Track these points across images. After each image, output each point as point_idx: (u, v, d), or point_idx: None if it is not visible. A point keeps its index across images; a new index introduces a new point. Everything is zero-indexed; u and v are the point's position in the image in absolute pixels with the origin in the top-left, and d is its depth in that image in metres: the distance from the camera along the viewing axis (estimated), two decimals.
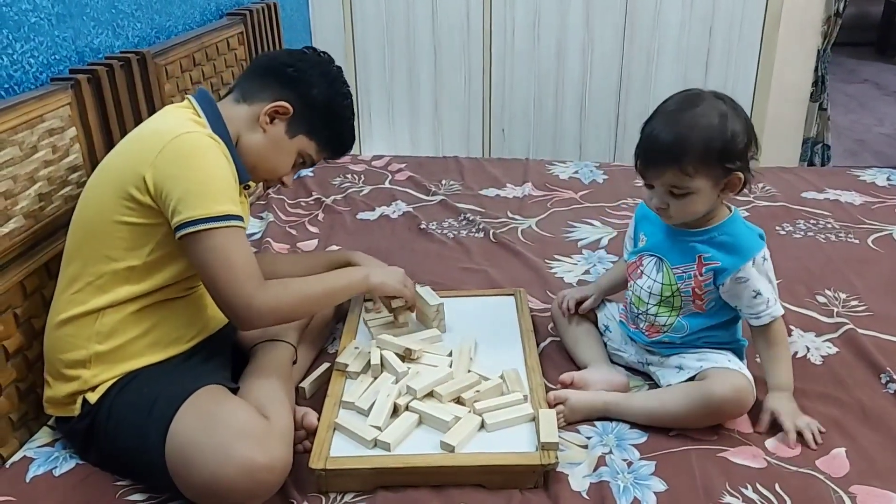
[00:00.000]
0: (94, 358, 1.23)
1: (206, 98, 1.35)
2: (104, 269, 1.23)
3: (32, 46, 1.44)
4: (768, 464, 1.23)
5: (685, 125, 1.23)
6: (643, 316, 1.40)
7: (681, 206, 1.27)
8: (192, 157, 1.20)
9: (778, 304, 1.32)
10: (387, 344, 1.43)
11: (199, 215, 1.17)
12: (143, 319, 1.26)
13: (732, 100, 1.29)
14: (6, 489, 1.19)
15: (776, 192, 2.32)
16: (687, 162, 1.22)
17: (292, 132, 1.38)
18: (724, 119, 1.23)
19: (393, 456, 1.20)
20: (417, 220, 2.19)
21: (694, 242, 1.33)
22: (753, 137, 1.27)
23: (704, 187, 1.25)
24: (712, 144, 1.22)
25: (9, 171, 1.28)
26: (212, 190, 1.19)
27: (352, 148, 1.50)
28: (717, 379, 1.28)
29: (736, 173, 1.25)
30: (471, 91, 3.20)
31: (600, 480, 1.19)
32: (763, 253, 1.30)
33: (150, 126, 1.29)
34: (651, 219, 1.40)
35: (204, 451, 1.10)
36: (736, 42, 3.04)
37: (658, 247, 1.38)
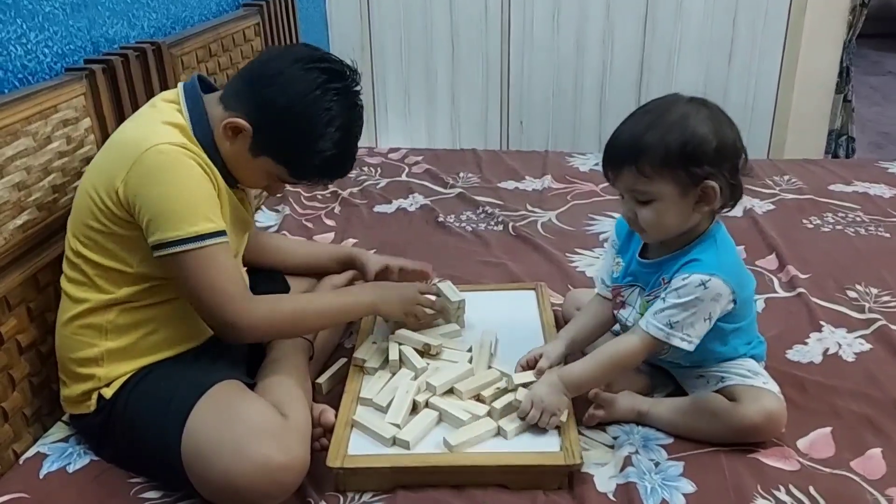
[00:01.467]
0: (107, 355, 1.21)
1: (194, 92, 1.25)
2: (101, 273, 1.20)
3: (47, 36, 1.41)
4: (801, 465, 1.19)
5: (645, 124, 1.16)
6: None
7: (648, 215, 1.17)
8: (160, 174, 1.13)
9: (671, 336, 1.17)
10: (405, 339, 1.39)
11: (170, 237, 1.12)
12: (152, 315, 1.24)
13: (716, 107, 1.19)
14: (20, 485, 1.18)
15: (802, 185, 2.27)
16: (643, 161, 1.14)
17: (255, 152, 1.23)
18: (685, 118, 1.14)
19: (412, 455, 1.17)
20: (435, 213, 2.16)
21: (663, 264, 1.23)
22: (739, 148, 1.17)
23: (668, 193, 1.15)
24: (670, 143, 1.13)
25: (22, 162, 1.25)
26: (182, 209, 1.13)
27: (345, 173, 1.31)
28: (748, 401, 1.20)
29: (707, 182, 1.14)
30: (489, 82, 3.15)
31: (627, 481, 1.15)
32: (710, 280, 1.15)
33: (128, 132, 1.22)
34: (628, 243, 1.33)
35: (220, 449, 1.07)
36: (760, 32, 2.98)
37: (634, 275, 1.30)
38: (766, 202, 2.17)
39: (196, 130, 1.21)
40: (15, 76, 1.34)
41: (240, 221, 1.33)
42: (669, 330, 1.18)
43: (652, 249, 1.28)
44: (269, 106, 1.20)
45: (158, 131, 1.17)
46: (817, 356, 1.46)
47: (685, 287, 1.17)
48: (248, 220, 1.39)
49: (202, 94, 1.25)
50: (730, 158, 1.16)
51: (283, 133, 1.21)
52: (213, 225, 1.15)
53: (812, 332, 1.53)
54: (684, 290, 1.17)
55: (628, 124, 1.20)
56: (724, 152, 1.15)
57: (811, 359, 1.45)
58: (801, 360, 1.45)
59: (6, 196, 1.22)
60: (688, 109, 1.16)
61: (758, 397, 1.21)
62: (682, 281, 1.17)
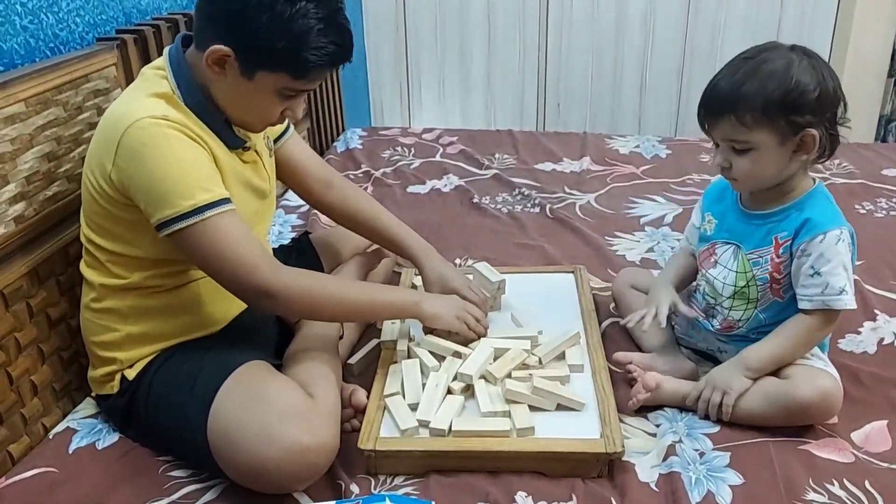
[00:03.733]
0: (127, 339, 1.18)
1: (177, 55, 1.15)
2: (112, 258, 1.16)
3: (78, 5, 1.39)
4: (856, 458, 1.13)
5: (745, 72, 1.14)
6: (718, 308, 1.28)
7: (744, 165, 1.17)
8: (143, 152, 1.05)
9: (845, 298, 1.15)
10: (433, 346, 1.31)
11: (169, 215, 1.06)
12: (170, 302, 1.20)
13: (814, 54, 1.16)
14: (49, 460, 1.16)
15: (854, 169, 2.18)
16: (743, 110, 1.12)
17: (248, 73, 1.10)
18: (788, 67, 1.12)
19: (446, 439, 1.13)
20: (470, 195, 2.12)
21: (770, 223, 1.21)
22: (839, 97, 1.15)
23: (767, 143, 1.14)
24: (772, 92, 1.11)
25: (52, 132, 1.23)
26: (172, 185, 1.05)
27: (347, 52, 1.13)
28: (801, 379, 1.16)
29: (808, 130, 1.13)
30: (525, 63, 3.08)
31: (670, 471, 1.10)
32: (840, 233, 1.16)
33: (113, 108, 1.14)
34: (719, 200, 1.30)
35: (247, 432, 1.04)
36: (809, 12, 2.86)
37: (732, 233, 1.26)
38: None
39: (185, 96, 1.13)
40: (46, 45, 1.32)
41: (251, 187, 1.24)
42: (837, 296, 1.16)
43: (752, 202, 1.25)
44: (232, 15, 1.07)
45: (140, 106, 1.09)
46: (871, 346, 1.39)
47: (827, 250, 1.15)
48: (262, 187, 1.28)
49: (184, 54, 1.16)
50: (830, 107, 1.14)
51: (260, 34, 1.06)
52: (210, 195, 1.08)
53: (866, 321, 1.46)
54: (829, 253, 1.15)
55: (726, 72, 1.17)
56: (825, 101, 1.13)
57: (865, 349, 1.38)
58: (854, 349, 1.38)
59: (36, 166, 1.20)
60: (789, 57, 1.14)
61: (813, 376, 1.16)
62: (820, 245, 1.15)
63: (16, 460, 1.17)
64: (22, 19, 1.26)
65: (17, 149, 1.16)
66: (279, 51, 1.07)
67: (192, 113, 1.13)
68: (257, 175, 1.26)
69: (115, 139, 1.07)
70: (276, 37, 1.06)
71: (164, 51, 1.17)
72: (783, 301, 1.23)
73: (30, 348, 1.20)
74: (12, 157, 1.16)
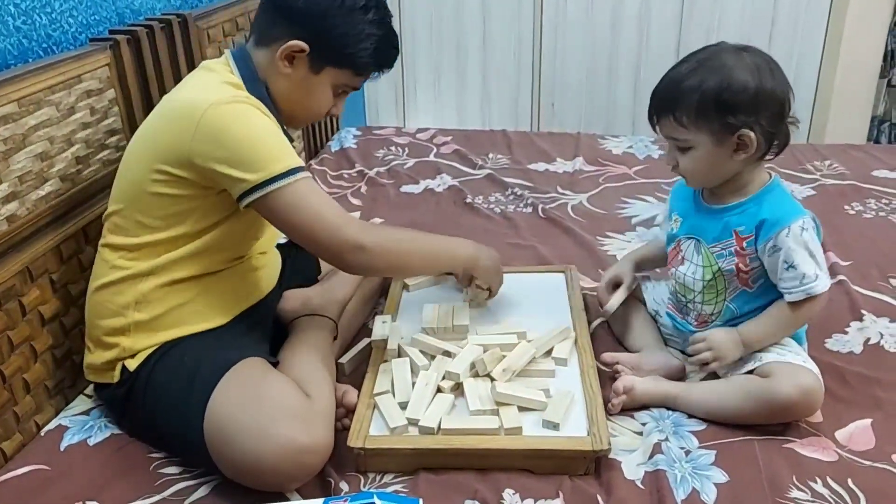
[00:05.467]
0: (134, 326, 1.19)
1: (243, 52, 1.26)
2: (144, 239, 1.18)
3: (72, 6, 1.40)
4: (840, 457, 1.14)
5: (684, 73, 1.16)
6: (691, 305, 1.31)
7: (686, 163, 1.20)
8: (229, 129, 1.11)
9: (821, 282, 1.18)
10: (424, 345, 1.33)
11: (259, 179, 1.10)
12: (184, 289, 1.22)
13: (760, 53, 1.17)
14: (40, 457, 1.17)
15: (844, 170, 2.19)
16: (680, 111, 1.16)
17: (317, 68, 1.23)
18: (725, 69, 1.13)
19: (435, 437, 1.14)
20: (463, 194, 2.13)
21: (727, 216, 1.23)
22: (779, 96, 1.15)
23: (704, 142, 1.17)
24: (706, 94, 1.13)
25: (45, 132, 1.24)
26: (262, 151, 1.12)
27: (396, 57, 1.31)
28: (782, 377, 1.17)
29: (743, 131, 1.14)
30: (520, 62, 3.09)
31: (656, 469, 1.11)
32: (801, 222, 1.18)
33: (183, 94, 1.20)
34: (683, 198, 1.32)
35: (244, 429, 1.05)
36: (802, 12, 2.88)
37: (692, 228, 1.28)
38: (807, 187, 2.10)
39: (250, 87, 1.21)
40: (39, 45, 1.32)
41: None
42: (814, 282, 1.18)
43: (710, 196, 1.27)
44: (309, 14, 1.20)
45: (214, 91, 1.16)
46: (858, 346, 1.40)
47: (794, 242, 1.17)
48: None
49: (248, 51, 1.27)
50: (768, 107, 1.15)
51: (333, 33, 1.21)
52: (296, 160, 1.14)
53: (852, 321, 1.47)
54: (796, 244, 1.17)
55: (672, 71, 1.20)
56: (762, 101, 1.14)
57: (851, 348, 1.39)
58: (840, 349, 1.39)
59: (29, 166, 1.21)
60: (729, 58, 1.15)
61: (794, 373, 1.17)
62: (787, 239, 1.17)
63: (8, 458, 1.18)
64: (15, 20, 1.27)
65: (10, 149, 1.17)
66: (350, 51, 1.22)
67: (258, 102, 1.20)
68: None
69: (193, 122, 1.11)
70: (350, 38, 1.21)
71: (226, 51, 1.26)
72: (752, 291, 1.25)
73: (22, 346, 1.21)
74: (5, 156, 1.16)
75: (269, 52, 1.23)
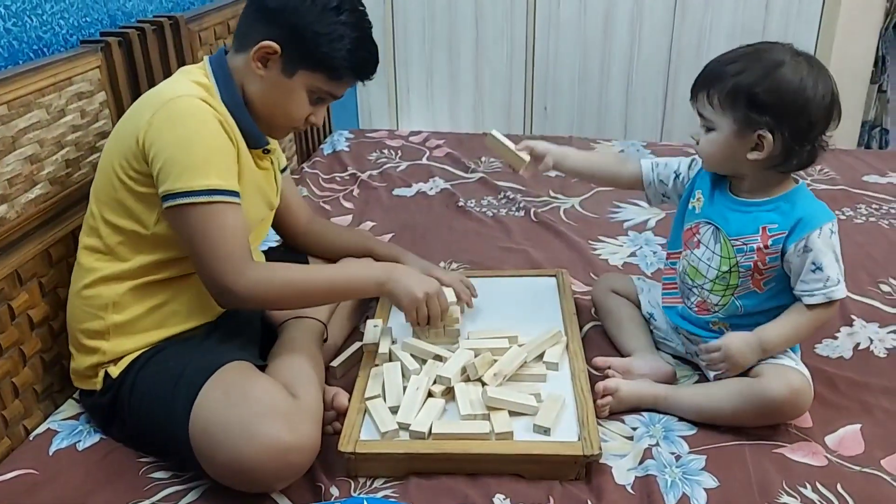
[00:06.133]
0: (113, 329, 1.20)
1: (219, 57, 1.26)
2: (116, 239, 1.19)
3: (63, 7, 1.40)
4: (829, 462, 1.14)
5: (734, 57, 1.17)
6: (696, 290, 1.29)
7: (705, 143, 1.21)
8: (180, 123, 1.12)
9: (841, 286, 1.19)
10: (415, 349, 1.33)
11: (180, 188, 1.11)
12: (160, 290, 1.22)
13: (822, 69, 1.16)
14: (29, 462, 1.16)
15: (835, 175, 2.20)
16: (714, 90, 1.17)
17: (289, 70, 1.22)
18: (773, 66, 1.13)
19: (426, 441, 1.14)
20: (455, 198, 2.13)
21: (758, 212, 1.22)
22: (816, 115, 1.14)
23: (725, 129, 1.17)
24: (743, 83, 1.13)
25: (35, 135, 1.24)
26: (196, 161, 1.12)
27: (374, 67, 1.28)
28: (772, 377, 1.17)
29: (761, 131, 1.14)
30: (513, 66, 3.10)
31: (646, 474, 1.12)
32: (832, 225, 1.19)
33: (155, 88, 1.23)
34: (715, 182, 1.30)
35: (229, 430, 1.05)
36: (794, 17, 2.89)
37: (715, 215, 1.27)
38: None
39: (223, 92, 1.22)
40: (30, 47, 1.32)
41: (260, 192, 1.32)
42: (836, 286, 1.18)
43: (738, 189, 1.26)
44: (282, 16, 1.20)
45: (182, 87, 1.18)
46: (847, 351, 1.41)
47: (825, 244, 1.18)
48: (271, 197, 1.38)
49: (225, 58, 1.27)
50: (796, 120, 1.14)
51: (305, 36, 1.20)
52: (224, 182, 1.14)
53: (843, 325, 1.48)
54: (826, 246, 1.18)
55: (726, 54, 1.20)
56: (793, 111, 1.13)
57: (841, 353, 1.40)
58: (830, 354, 1.40)
59: (18, 169, 1.20)
60: (785, 59, 1.15)
61: (783, 374, 1.18)
62: (818, 240, 1.17)
63: None
64: (5, 22, 1.26)
65: (0, 151, 1.17)
66: (322, 51, 1.21)
67: (225, 108, 1.21)
68: (268, 185, 1.35)
69: (154, 109, 1.13)
70: (322, 38, 1.20)
71: (205, 57, 1.27)
72: (762, 293, 1.24)
73: (11, 350, 1.21)
74: None
75: (245, 55, 1.23)
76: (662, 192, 1.40)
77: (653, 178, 1.40)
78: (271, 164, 1.37)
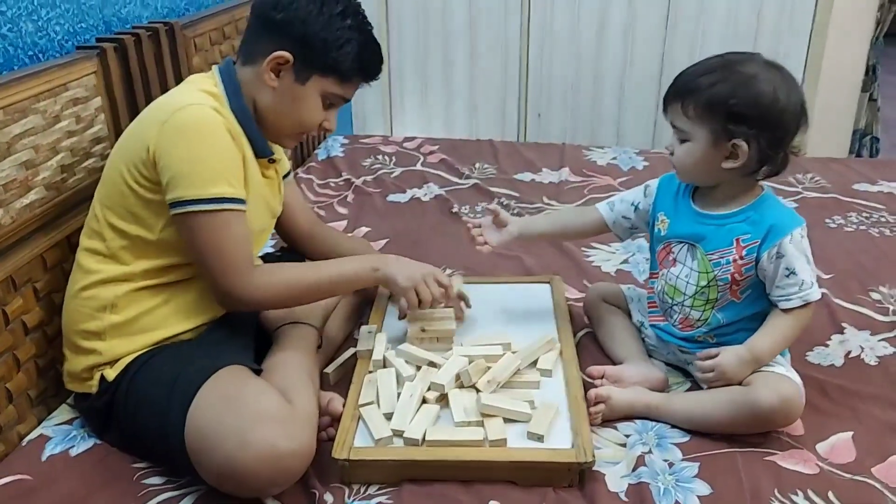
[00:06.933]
0: (110, 329, 1.20)
1: (228, 67, 1.29)
2: (119, 243, 1.20)
3: (59, 13, 1.39)
4: (821, 469, 1.15)
5: (707, 67, 1.19)
6: (677, 307, 1.31)
7: (680, 153, 1.22)
8: (190, 132, 1.15)
9: (815, 289, 1.21)
10: (409, 356, 1.33)
11: (189, 196, 1.14)
12: (159, 292, 1.23)
13: (791, 79, 1.19)
14: (22, 467, 1.16)
15: (826, 184, 2.22)
16: (688, 101, 1.18)
17: (303, 78, 1.26)
18: (747, 77, 1.15)
19: (420, 448, 1.14)
20: (449, 204, 2.13)
21: (730, 224, 1.24)
22: (789, 123, 1.17)
23: (700, 139, 1.18)
24: (719, 94, 1.15)
25: (30, 141, 1.24)
26: (206, 169, 1.15)
27: (380, 66, 1.33)
28: (762, 386, 1.18)
29: (737, 141, 1.16)
30: (507, 73, 3.11)
31: (639, 481, 1.12)
32: (801, 230, 1.21)
33: (165, 97, 1.25)
34: (671, 197, 1.32)
35: (223, 434, 1.05)
36: (786, 26, 2.91)
37: (688, 232, 1.29)
38: (789, 200, 2.12)
39: (231, 101, 1.25)
40: (25, 53, 1.32)
41: (264, 201, 1.34)
42: (810, 289, 1.20)
43: (703, 203, 1.28)
44: (290, 24, 1.23)
45: (191, 96, 1.20)
46: (839, 359, 1.42)
47: (796, 248, 1.19)
48: (274, 206, 1.40)
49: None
50: (772, 128, 1.16)
51: (315, 43, 1.23)
52: (233, 190, 1.16)
53: (834, 333, 1.49)
54: (797, 251, 1.20)
55: (697, 64, 1.21)
56: (769, 120, 1.15)
57: (832, 361, 1.41)
58: (821, 362, 1.41)
59: (13, 174, 1.20)
60: (758, 70, 1.17)
61: (775, 382, 1.19)
62: (789, 245, 1.19)
63: None
64: (1, 27, 1.26)
65: None
66: (332, 56, 1.24)
67: (234, 117, 1.23)
68: (272, 194, 1.38)
69: (163, 119, 1.15)
70: (331, 44, 1.24)
71: (214, 66, 1.29)
72: (740, 302, 1.26)
73: (5, 355, 1.20)
74: None
75: (254, 68, 1.26)
76: (629, 227, 1.43)
77: (613, 217, 1.42)
78: (276, 173, 1.39)
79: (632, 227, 1.42)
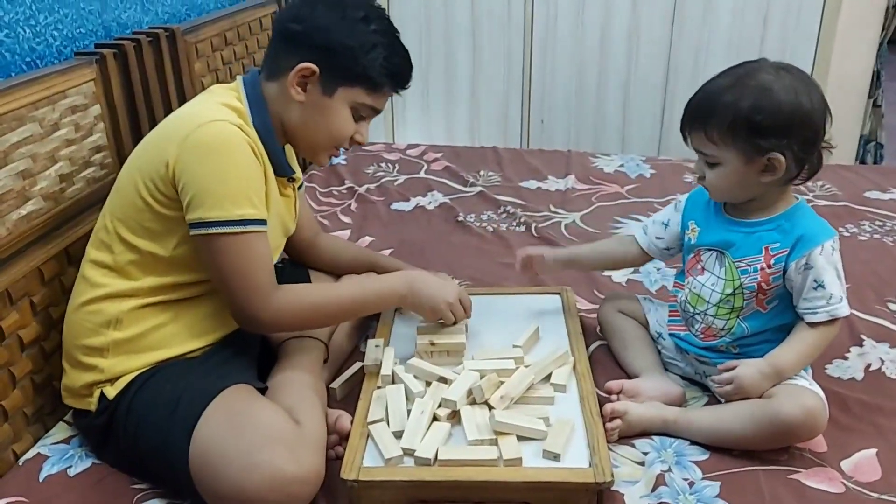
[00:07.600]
0: (112, 346, 1.16)
1: (253, 79, 1.24)
2: (129, 257, 1.16)
3: (57, 18, 1.36)
4: (846, 488, 1.11)
5: (720, 88, 1.15)
6: (700, 316, 1.28)
7: (713, 177, 1.19)
8: (214, 150, 1.10)
9: (844, 304, 1.18)
10: (419, 371, 1.29)
11: (212, 217, 1.10)
12: (165, 310, 1.19)
13: (803, 76, 1.16)
14: (19, 488, 1.12)
15: (837, 191, 2.18)
16: (711, 127, 1.15)
17: (330, 89, 1.22)
18: (762, 88, 1.12)
19: (432, 468, 1.10)
20: (455, 212, 2.10)
21: (760, 232, 1.21)
22: (816, 122, 1.14)
23: (732, 161, 1.15)
24: (739, 113, 1.12)
25: (28, 150, 1.20)
26: (230, 190, 1.11)
27: (410, 73, 1.28)
28: (785, 398, 1.15)
29: (773, 154, 1.13)
30: (510, 79, 3.08)
31: (660, 502, 1.09)
32: (833, 242, 1.18)
33: (186, 109, 1.21)
34: (702, 207, 1.30)
35: (229, 458, 1.01)
36: (792, 32, 2.89)
37: (717, 240, 1.26)
38: None
39: (255, 117, 1.21)
40: (22, 59, 1.29)
41: (280, 220, 1.31)
42: (839, 304, 1.18)
43: (735, 211, 1.25)
44: (313, 35, 1.19)
45: (214, 111, 1.16)
46: (859, 372, 1.38)
47: (826, 261, 1.17)
48: (288, 224, 1.38)
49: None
50: (802, 131, 1.13)
51: (340, 51, 1.19)
52: (256, 211, 1.13)
53: (853, 345, 1.45)
54: (828, 263, 1.17)
55: (708, 84, 1.18)
56: (796, 125, 1.12)
57: (853, 375, 1.37)
58: (841, 375, 1.37)
59: (10, 184, 1.17)
60: (768, 77, 1.13)
61: (797, 394, 1.16)
62: (819, 257, 1.17)
63: None
64: None
65: None
66: (360, 63, 1.20)
67: (257, 134, 1.19)
68: (287, 212, 1.34)
69: (184, 134, 1.11)
70: (357, 50, 1.19)
71: (238, 77, 1.25)
72: (766, 313, 1.23)
73: (0, 372, 1.16)
74: None
75: (279, 83, 1.22)
76: (664, 248, 1.40)
77: (647, 241, 1.41)
78: (293, 191, 1.36)
79: (667, 248, 1.40)
